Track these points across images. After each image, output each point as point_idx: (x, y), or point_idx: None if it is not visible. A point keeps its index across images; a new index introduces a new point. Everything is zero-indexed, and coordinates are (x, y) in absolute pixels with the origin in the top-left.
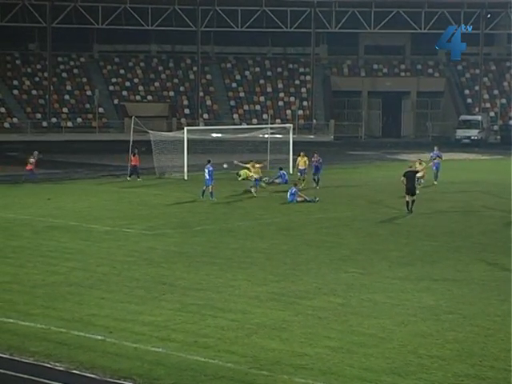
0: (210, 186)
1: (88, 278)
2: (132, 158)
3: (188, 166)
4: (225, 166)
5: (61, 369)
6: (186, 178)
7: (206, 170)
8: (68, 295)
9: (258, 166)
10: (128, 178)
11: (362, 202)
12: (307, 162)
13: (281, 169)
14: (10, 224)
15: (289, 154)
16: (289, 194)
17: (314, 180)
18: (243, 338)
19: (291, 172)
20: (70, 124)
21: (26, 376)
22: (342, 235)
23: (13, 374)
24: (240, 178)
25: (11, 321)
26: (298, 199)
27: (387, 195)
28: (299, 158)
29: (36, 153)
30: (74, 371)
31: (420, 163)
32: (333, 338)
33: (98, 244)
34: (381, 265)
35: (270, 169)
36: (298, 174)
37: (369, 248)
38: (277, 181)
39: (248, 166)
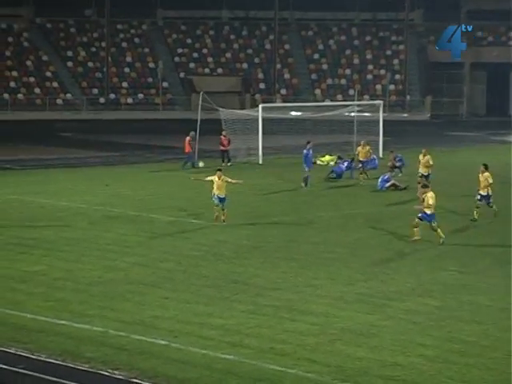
0: (306, 172)
1: (150, 274)
2: (188, 142)
3: (263, 149)
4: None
5: (119, 377)
6: (260, 162)
7: (305, 153)
8: (128, 294)
9: (218, 180)
10: (186, 166)
11: (461, 191)
12: (371, 152)
13: (340, 158)
14: (62, 213)
15: (378, 135)
16: (380, 180)
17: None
18: (326, 345)
19: (381, 155)
20: (129, 100)
21: None
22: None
23: (66, 382)
24: (319, 163)
25: (64, 322)
26: (387, 185)
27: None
28: (359, 148)
29: (193, 133)
30: (134, 380)
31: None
32: (429, 346)
33: (161, 236)
34: (484, 262)
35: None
36: (359, 166)
37: (470, 243)
38: (332, 176)
39: (210, 178)
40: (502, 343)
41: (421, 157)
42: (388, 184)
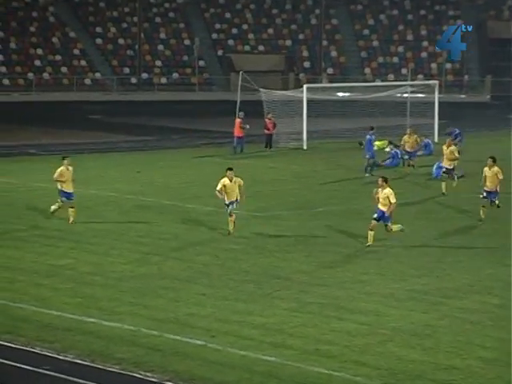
0: (369, 159)
1: (185, 269)
2: (238, 124)
3: (308, 133)
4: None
5: (152, 380)
6: (305, 147)
7: (368, 139)
8: (161, 290)
9: (229, 183)
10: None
11: None
12: (418, 142)
13: (391, 143)
14: (91, 203)
15: (434, 118)
16: (435, 167)
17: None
18: (376, 346)
19: (436, 140)
20: (163, 80)
21: None
22: (501, 219)
23: None
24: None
25: (93, 320)
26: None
27: None
28: (405, 137)
29: (242, 113)
30: (168, 383)
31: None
32: (488, 348)
33: (197, 228)
34: None
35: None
36: (406, 157)
37: None
38: (384, 163)
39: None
40: None
41: (444, 147)
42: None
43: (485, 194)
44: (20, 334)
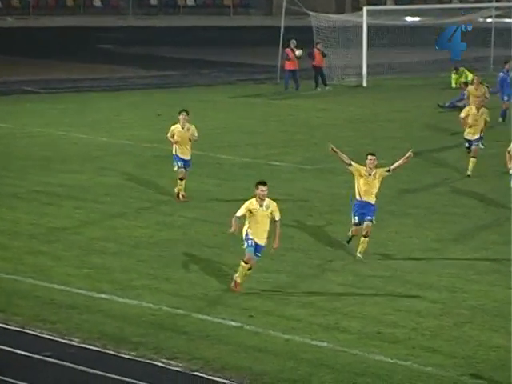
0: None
1: (217, 233)
2: (289, 56)
3: (368, 67)
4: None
5: (176, 369)
6: (364, 84)
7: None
8: (187, 259)
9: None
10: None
11: None
12: (487, 96)
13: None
14: (102, 152)
15: None
16: None
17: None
18: (450, 330)
19: None
20: (190, 2)
21: (124, 379)
22: None
23: (106, 374)
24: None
25: (104, 296)
26: None
27: None
28: (471, 88)
29: (294, 42)
30: (196, 373)
31: None
32: None
33: (232, 183)
34: None
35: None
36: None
37: None
38: (460, 104)
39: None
40: None
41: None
42: None
43: None
44: (15, 313)
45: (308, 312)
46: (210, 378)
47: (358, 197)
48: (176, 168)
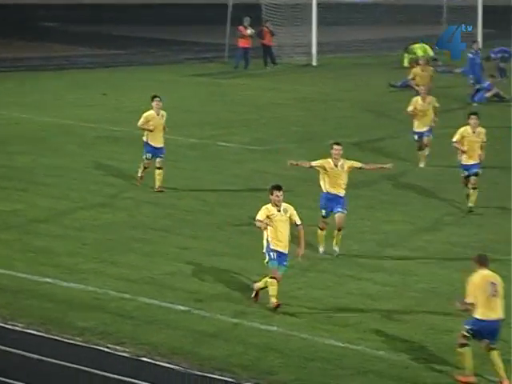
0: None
1: (164, 216)
2: (243, 33)
3: (318, 46)
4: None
5: (123, 354)
6: (314, 63)
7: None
8: (133, 242)
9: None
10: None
11: None
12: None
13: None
14: (45, 132)
15: (476, 26)
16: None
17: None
18: (402, 313)
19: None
20: None
21: (70, 364)
22: None
23: (50, 360)
24: None
25: (49, 280)
26: (487, 95)
27: None
28: (417, 70)
29: (248, 19)
30: (143, 359)
31: None
32: None
33: (178, 164)
34: None
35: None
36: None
37: None
38: (458, 70)
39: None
40: None
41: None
42: (489, 94)
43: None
44: None
45: (250, 296)
46: (157, 363)
47: (324, 189)
48: (144, 157)
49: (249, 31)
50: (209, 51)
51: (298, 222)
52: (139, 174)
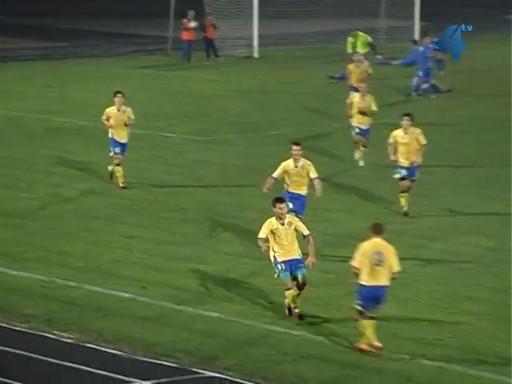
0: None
1: (108, 205)
2: (187, 26)
3: (260, 38)
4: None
5: (68, 341)
6: (256, 55)
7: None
8: (79, 232)
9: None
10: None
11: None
12: (368, 72)
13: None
14: None
15: (413, 18)
16: (414, 81)
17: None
18: (342, 299)
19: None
20: None
21: (16, 351)
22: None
23: None
24: None
25: None
26: (424, 87)
27: None
28: (351, 67)
29: (192, 12)
30: (89, 345)
31: None
32: (478, 300)
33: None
34: None
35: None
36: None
37: None
38: (396, 62)
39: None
40: None
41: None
42: (426, 86)
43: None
44: None
45: (200, 283)
46: (102, 349)
47: (286, 189)
48: (112, 154)
49: (192, 24)
50: (153, 43)
51: (306, 232)
52: (110, 169)
